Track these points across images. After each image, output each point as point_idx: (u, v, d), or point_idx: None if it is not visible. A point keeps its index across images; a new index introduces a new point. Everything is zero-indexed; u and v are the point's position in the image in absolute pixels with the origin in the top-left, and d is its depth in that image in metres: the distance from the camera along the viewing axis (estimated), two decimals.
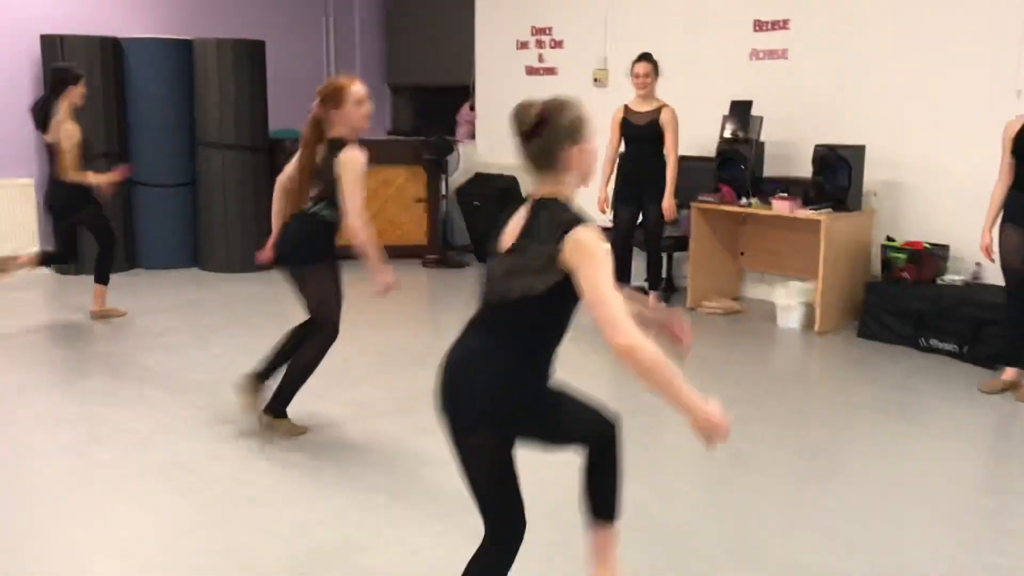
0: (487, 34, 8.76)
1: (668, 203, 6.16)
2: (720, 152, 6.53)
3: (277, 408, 4.10)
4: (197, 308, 6.55)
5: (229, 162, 7.69)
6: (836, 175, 6.04)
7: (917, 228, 6.07)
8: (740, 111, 6.49)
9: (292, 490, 3.61)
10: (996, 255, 4.79)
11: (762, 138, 6.49)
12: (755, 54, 6.83)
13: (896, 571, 3.05)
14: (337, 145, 3.86)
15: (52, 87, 5.92)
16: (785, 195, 6.13)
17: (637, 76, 6.19)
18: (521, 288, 2.25)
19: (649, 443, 4.04)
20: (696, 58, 7.11)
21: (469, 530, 2.56)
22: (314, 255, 3.98)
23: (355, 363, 5.17)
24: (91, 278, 6.19)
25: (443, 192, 8.49)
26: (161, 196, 7.82)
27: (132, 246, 7.80)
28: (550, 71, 8.23)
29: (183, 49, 7.73)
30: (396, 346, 5.70)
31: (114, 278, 6.24)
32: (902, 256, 5.91)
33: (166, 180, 7.81)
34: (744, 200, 6.32)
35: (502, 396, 2.29)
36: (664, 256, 6.84)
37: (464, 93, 9.46)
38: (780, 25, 6.70)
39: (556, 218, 2.24)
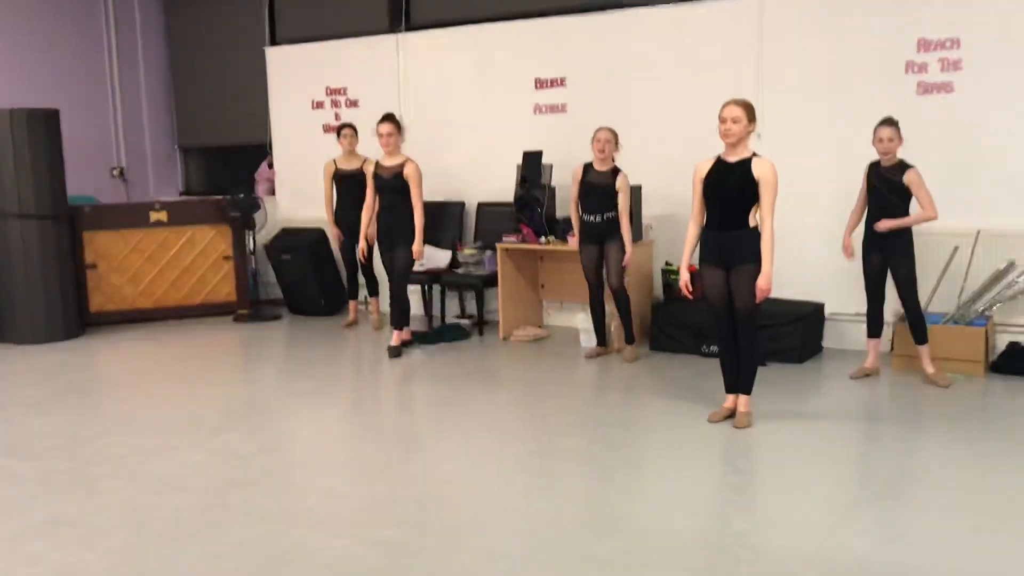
0: (281, 96, 9.13)
1: (417, 247, 6.75)
2: (518, 198, 7.31)
3: (630, 338, 6.63)
4: (15, 380, 6.45)
5: (29, 231, 7.56)
6: None
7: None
8: (532, 160, 7.31)
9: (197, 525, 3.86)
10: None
11: (552, 183, 7.33)
12: (538, 108, 7.70)
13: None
14: (615, 171, 6.45)
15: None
16: None
17: (381, 135, 6.74)
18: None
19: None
20: (487, 115, 7.89)
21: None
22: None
23: (208, 414, 5.44)
24: None
25: (250, 248, 8.71)
26: None
27: None
28: None
29: None
30: (233, 397, 5.95)
31: None
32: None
33: None
34: (543, 238, 7.12)
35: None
36: (474, 292, 7.55)
37: (257, 152, 9.73)
38: (558, 83, 7.62)
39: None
